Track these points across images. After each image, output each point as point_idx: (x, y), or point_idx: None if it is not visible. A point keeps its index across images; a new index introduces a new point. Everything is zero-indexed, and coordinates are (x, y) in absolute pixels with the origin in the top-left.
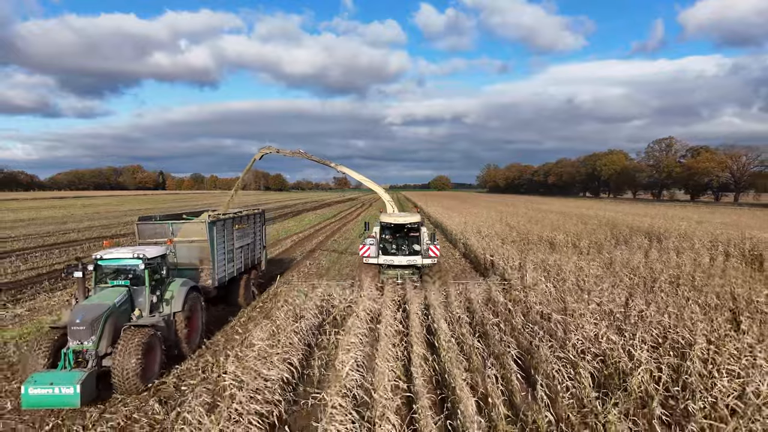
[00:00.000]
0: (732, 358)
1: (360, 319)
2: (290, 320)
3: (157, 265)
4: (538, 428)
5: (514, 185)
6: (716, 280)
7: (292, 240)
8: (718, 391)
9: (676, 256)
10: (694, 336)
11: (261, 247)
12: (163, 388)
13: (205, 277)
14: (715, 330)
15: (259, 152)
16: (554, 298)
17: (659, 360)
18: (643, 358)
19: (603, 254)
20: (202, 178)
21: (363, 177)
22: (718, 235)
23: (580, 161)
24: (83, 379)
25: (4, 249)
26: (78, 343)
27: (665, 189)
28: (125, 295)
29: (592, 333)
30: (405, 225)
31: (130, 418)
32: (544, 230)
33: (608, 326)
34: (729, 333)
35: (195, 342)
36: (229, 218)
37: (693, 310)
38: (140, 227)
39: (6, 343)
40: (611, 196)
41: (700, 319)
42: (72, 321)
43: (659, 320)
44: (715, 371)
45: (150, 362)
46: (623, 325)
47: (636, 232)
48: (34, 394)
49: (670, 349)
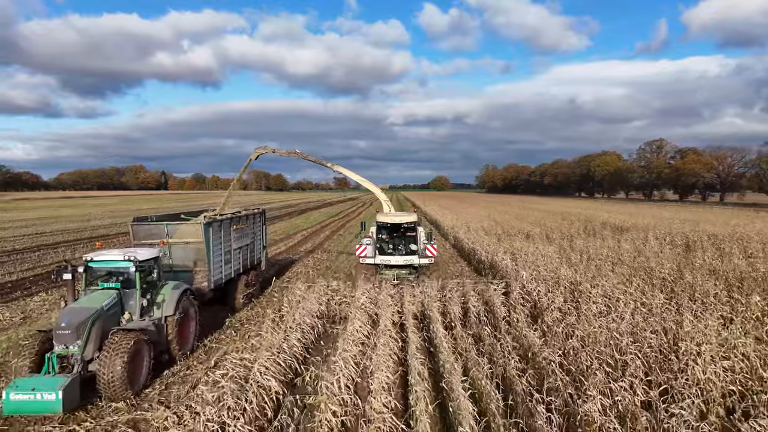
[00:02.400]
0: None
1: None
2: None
3: (149, 267)
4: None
5: (512, 185)
6: (642, 258)
7: (302, 234)
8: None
9: (626, 244)
10: (587, 285)
11: (261, 248)
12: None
13: (200, 279)
14: (605, 280)
15: (255, 152)
16: (512, 269)
17: (565, 296)
18: (556, 299)
19: (564, 243)
20: (203, 178)
21: (359, 177)
22: (674, 228)
23: (575, 162)
24: (66, 385)
25: (47, 242)
26: (63, 348)
27: (656, 189)
28: (115, 298)
29: (527, 284)
30: (401, 224)
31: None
32: (526, 225)
33: (536, 280)
34: (617, 285)
35: (188, 347)
36: (226, 219)
37: (606, 273)
38: (135, 228)
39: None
40: (605, 196)
41: (602, 275)
42: (57, 324)
43: (572, 278)
44: (591, 299)
45: (137, 368)
46: (549, 284)
47: (605, 226)
48: (15, 400)
49: (571, 290)
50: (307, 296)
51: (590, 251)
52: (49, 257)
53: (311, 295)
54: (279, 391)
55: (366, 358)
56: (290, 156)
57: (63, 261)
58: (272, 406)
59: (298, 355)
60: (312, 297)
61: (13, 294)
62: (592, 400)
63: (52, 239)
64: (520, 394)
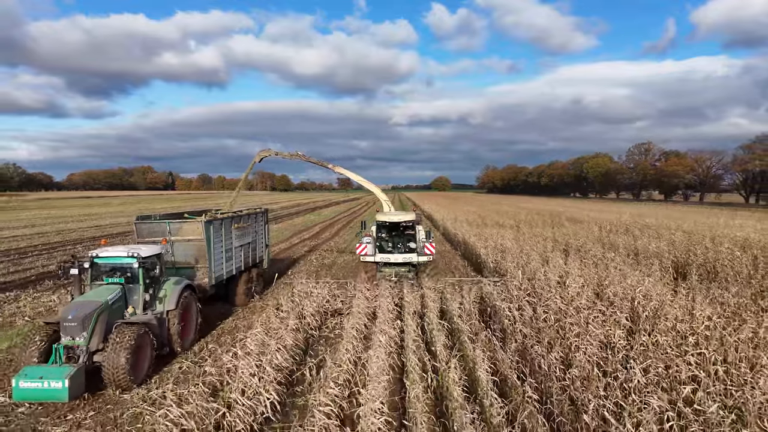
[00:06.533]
0: (524, 251)
1: (353, 328)
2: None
3: (151, 263)
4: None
5: (510, 186)
6: (580, 238)
7: (320, 227)
8: (510, 255)
9: (571, 230)
10: (517, 249)
11: (263, 246)
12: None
13: (201, 275)
14: (543, 251)
15: (258, 155)
16: (473, 245)
17: (516, 263)
18: (508, 264)
19: (524, 229)
20: (209, 178)
21: (360, 177)
22: (622, 220)
23: (569, 163)
24: (72, 374)
25: (112, 232)
26: (70, 339)
27: (644, 189)
28: (119, 293)
29: (482, 253)
30: (400, 223)
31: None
32: (504, 219)
33: (495, 251)
34: (552, 256)
35: (189, 340)
36: (227, 217)
37: (547, 247)
38: (138, 226)
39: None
40: (597, 196)
41: (531, 245)
42: (64, 317)
43: (521, 249)
44: (512, 255)
45: (140, 359)
46: (500, 255)
47: (569, 219)
48: (24, 387)
49: (520, 258)
50: (313, 291)
51: (538, 234)
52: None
53: (316, 290)
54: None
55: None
56: (293, 158)
57: (70, 257)
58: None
59: (301, 344)
60: (317, 292)
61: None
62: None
63: (110, 231)
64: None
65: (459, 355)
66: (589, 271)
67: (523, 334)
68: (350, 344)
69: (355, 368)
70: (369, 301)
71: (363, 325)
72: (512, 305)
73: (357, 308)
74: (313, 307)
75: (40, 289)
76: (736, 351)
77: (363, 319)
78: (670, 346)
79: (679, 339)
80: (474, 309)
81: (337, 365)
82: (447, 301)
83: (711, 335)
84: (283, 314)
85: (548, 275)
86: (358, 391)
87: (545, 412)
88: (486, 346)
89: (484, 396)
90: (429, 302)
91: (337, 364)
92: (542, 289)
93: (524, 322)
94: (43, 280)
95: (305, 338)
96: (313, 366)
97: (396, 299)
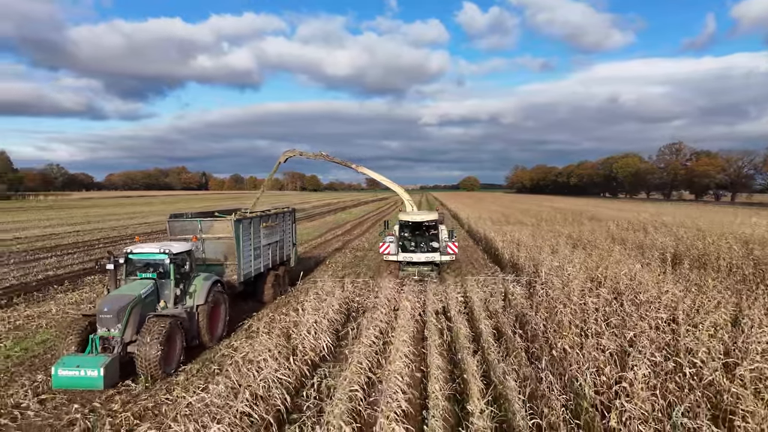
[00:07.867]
0: (538, 245)
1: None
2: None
3: (182, 260)
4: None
5: (540, 186)
6: (595, 234)
7: (351, 224)
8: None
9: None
10: (531, 242)
11: (291, 245)
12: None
13: (230, 272)
14: (554, 245)
15: (283, 155)
16: (492, 239)
17: (528, 255)
18: (521, 255)
19: (544, 226)
20: (241, 178)
21: (383, 177)
22: (644, 218)
23: (599, 163)
24: (107, 364)
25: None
26: (105, 330)
27: (674, 190)
28: (152, 287)
29: (499, 246)
30: (423, 223)
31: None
32: (526, 218)
33: (511, 245)
34: (561, 248)
35: (218, 334)
36: (256, 216)
37: (559, 242)
38: (171, 224)
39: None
40: (627, 196)
41: (546, 239)
42: (100, 309)
43: (534, 243)
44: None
45: (171, 350)
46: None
47: (589, 218)
48: (62, 375)
49: (534, 251)
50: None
51: (555, 231)
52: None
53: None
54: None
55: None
56: (317, 158)
57: (107, 253)
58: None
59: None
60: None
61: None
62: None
63: (157, 227)
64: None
65: (467, 320)
66: (589, 259)
67: (522, 305)
68: (381, 311)
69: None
70: (393, 291)
71: (392, 297)
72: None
73: (385, 289)
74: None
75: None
76: (688, 316)
77: (392, 292)
78: (634, 309)
79: (646, 306)
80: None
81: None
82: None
83: (668, 305)
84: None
85: (553, 263)
86: (390, 341)
87: (529, 350)
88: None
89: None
90: (450, 285)
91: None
92: (547, 275)
93: (524, 296)
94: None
95: (347, 309)
96: (354, 326)
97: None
